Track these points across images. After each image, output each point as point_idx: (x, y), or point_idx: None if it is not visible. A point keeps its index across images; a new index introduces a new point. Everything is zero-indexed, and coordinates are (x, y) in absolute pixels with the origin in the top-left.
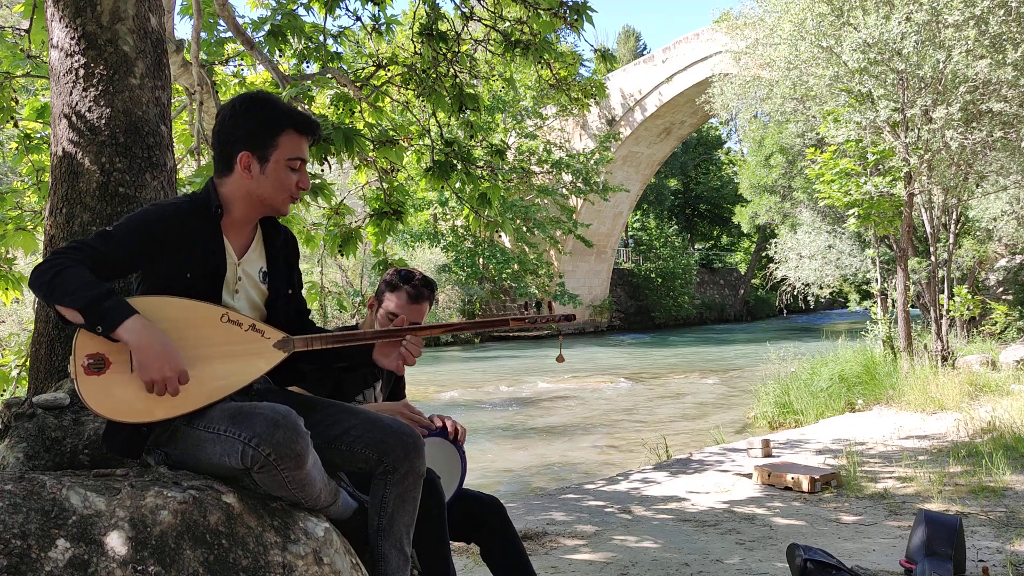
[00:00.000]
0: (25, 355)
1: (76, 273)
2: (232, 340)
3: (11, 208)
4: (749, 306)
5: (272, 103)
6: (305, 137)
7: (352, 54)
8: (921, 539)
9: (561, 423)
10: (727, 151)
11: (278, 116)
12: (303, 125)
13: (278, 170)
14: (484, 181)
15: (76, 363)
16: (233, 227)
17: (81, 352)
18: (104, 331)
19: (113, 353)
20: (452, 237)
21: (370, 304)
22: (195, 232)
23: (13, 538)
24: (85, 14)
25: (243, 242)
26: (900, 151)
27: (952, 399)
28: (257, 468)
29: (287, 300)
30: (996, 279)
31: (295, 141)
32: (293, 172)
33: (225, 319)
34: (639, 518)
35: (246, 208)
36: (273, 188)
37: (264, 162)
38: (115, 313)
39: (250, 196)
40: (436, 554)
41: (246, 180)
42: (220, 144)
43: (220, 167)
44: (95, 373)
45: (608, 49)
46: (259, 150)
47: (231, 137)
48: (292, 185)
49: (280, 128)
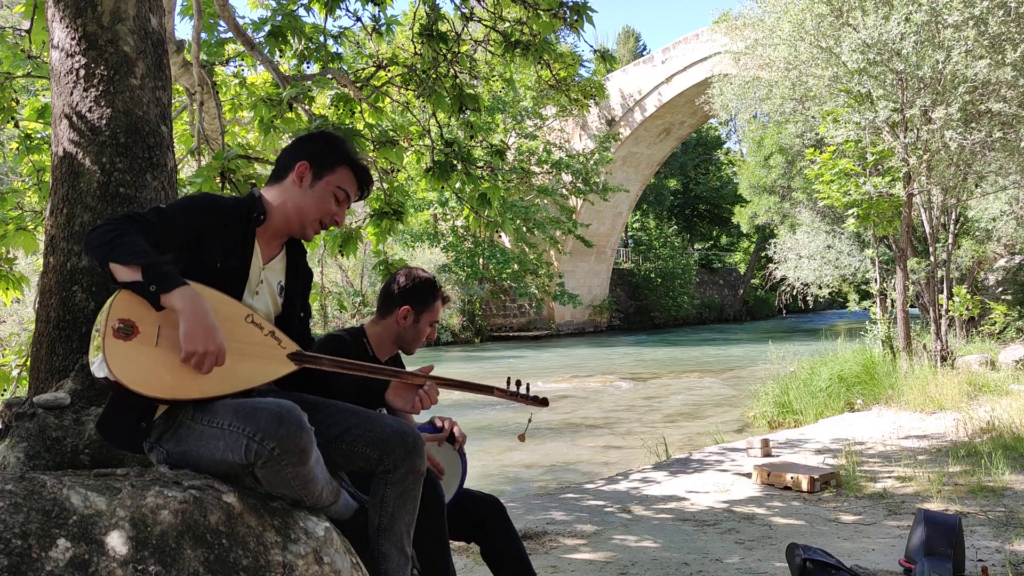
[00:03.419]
0: (25, 355)
1: (136, 239)
2: (252, 340)
3: (12, 208)
4: (748, 306)
5: (343, 140)
6: (359, 182)
7: (352, 55)
8: (920, 539)
9: (561, 423)
10: (726, 151)
11: (345, 151)
12: (362, 171)
13: (325, 191)
14: (484, 181)
15: (107, 324)
16: (265, 236)
17: (115, 314)
18: (158, 290)
19: (144, 324)
20: (452, 237)
21: (404, 315)
22: (234, 230)
23: (14, 538)
24: (86, 14)
25: (270, 252)
26: (899, 151)
27: (951, 399)
28: (261, 463)
29: (296, 322)
30: (995, 279)
31: (349, 178)
32: (336, 202)
33: (249, 319)
34: (639, 518)
35: (282, 219)
36: (315, 205)
37: (317, 179)
38: (173, 278)
39: (289, 205)
40: (436, 553)
41: (294, 188)
42: (284, 156)
43: (275, 175)
44: (122, 338)
45: (608, 49)
46: (317, 167)
47: (296, 151)
48: (330, 213)
49: (342, 160)
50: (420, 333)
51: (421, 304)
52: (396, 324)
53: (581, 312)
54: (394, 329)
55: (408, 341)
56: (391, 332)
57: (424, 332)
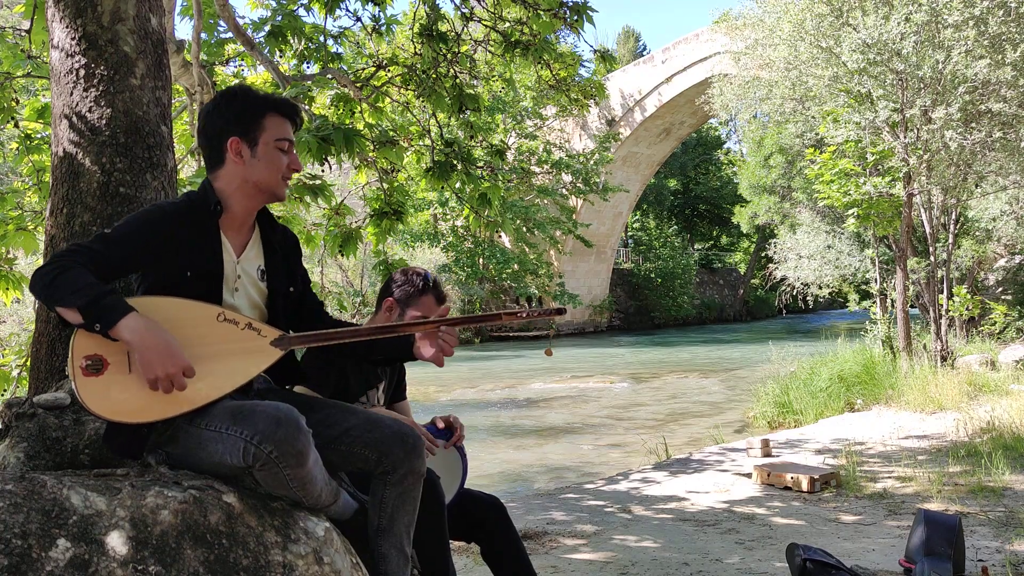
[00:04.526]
0: (25, 355)
1: (76, 274)
2: (228, 339)
3: (12, 208)
4: (748, 306)
5: (249, 91)
6: (288, 119)
7: (352, 54)
8: (920, 539)
9: (561, 423)
10: (726, 151)
11: (258, 101)
12: (284, 107)
13: (268, 152)
14: (484, 181)
15: (74, 365)
16: (232, 225)
17: (79, 354)
18: (103, 329)
19: (111, 354)
20: (452, 237)
21: (388, 307)
22: (194, 232)
23: (14, 538)
24: (86, 14)
25: (242, 240)
26: (899, 151)
27: (951, 399)
28: (259, 466)
29: (288, 298)
30: (995, 279)
31: (280, 123)
32: (283, 153)
33: (221, 318)
34: (639, 518)
35: (243, 200)
36: (267, 170)
37: (254, 145)
38: (114, 311)
39: (246, 184)
40: (436, 554)
41: (239, 167)
42: (208, 139)
43: (211, 162)
44: (93, 374)
45: (608, 50)
46: (247, 135)
47: (216, 129)
48: (284, 166)
49: (263, 111)
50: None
51: (406, 297)
52: (385, 319)
53: (581, 312)
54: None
55: None
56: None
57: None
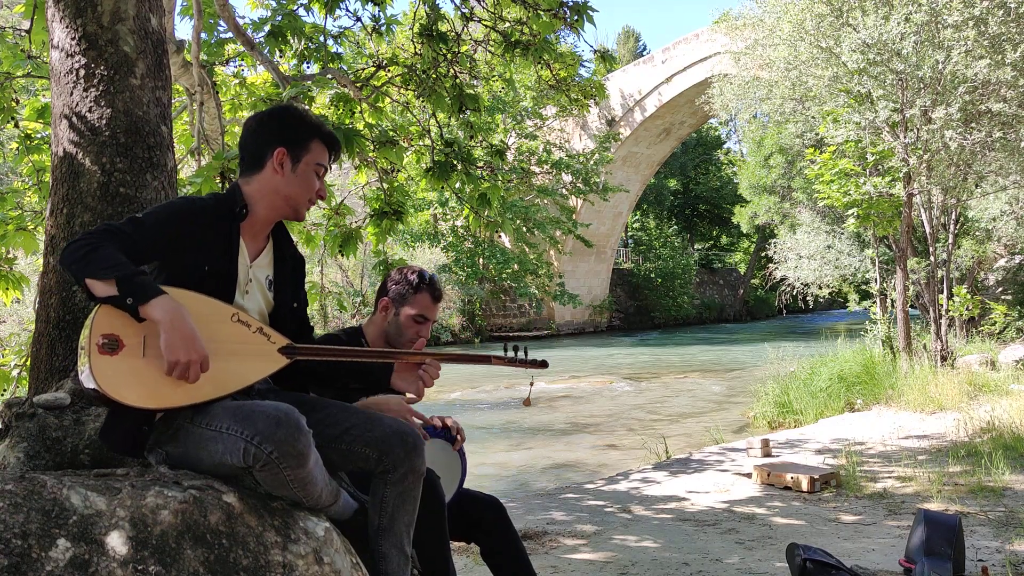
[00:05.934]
0: (25, 355)
1: (110, 251)
2: (240, 339)
3: (12, 208)
4: (748, 306)
5: (305, 112)
6: (331, 150)
7: (352, 54)
8: (920, 539)
9: (561, 423)
10: (727, 151)
11: (311, 124)
12: (330, 138)
13: (307, 172)
14: (484, 181)
15: (91, 340)
16: (250, 230)
17: (97, 330)
18: (135, 303)
19: (128, 336)
20: (452, 237)
21: (384, 306)
22: (215, 230)
23: (14, 538)
24: (86, 14)
25: (257, 247)
26: (899, 151)
27: (951, 399)
28: (259, 466)
29: (291, 313)
30: (995, 279)
31: (323, 150)
32: (317, 178)
33: (235, 319)
34: (639, 518)
35: (268, 209)
36: (300, 188)
37: (296, 162)
38: (148, 289)
39: (276, 194)
40: (436, 554)
41: (276, 177)
42: (252, 144)
43: (247, 166)
44: (108, 353)
45: (608, 50)
46: (294, 150)
47: (264, 137)
48: (314, 190)
49: (312, 135)
50: (403, 328)
51: (400, 296)
52: (381, 319)
53: (581, 312)
54: (380, 325)
55: (393, 336)
56: (378, 328)
57: (408, 328)
